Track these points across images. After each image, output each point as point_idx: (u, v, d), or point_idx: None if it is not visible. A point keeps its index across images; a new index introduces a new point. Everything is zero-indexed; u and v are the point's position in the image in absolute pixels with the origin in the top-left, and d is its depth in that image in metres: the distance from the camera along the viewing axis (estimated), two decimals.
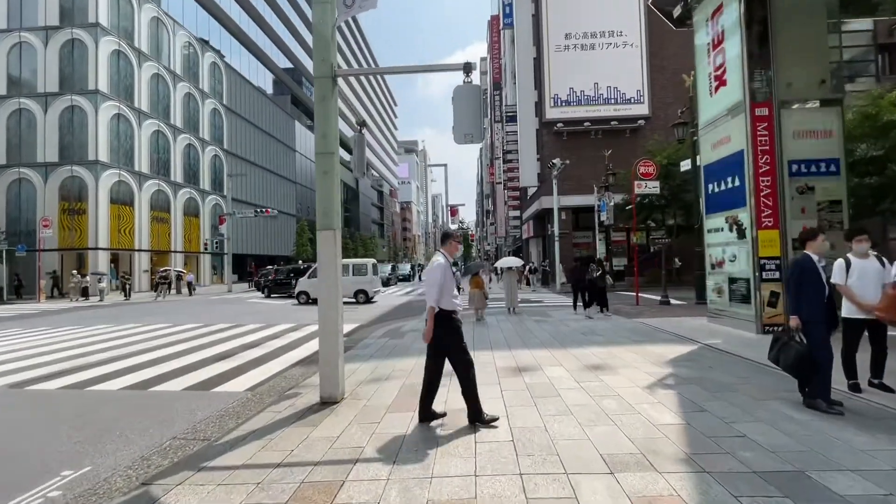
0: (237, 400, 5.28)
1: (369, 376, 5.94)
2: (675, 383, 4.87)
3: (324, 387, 4.85)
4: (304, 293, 18.86)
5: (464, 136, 5.04)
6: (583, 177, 24.74)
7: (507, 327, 9.75)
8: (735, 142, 7.79)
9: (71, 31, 27.49)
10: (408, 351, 7.53)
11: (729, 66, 7.95)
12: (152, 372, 6.76)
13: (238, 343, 9.17)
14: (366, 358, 7.15)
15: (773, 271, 7.31)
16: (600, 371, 5.56)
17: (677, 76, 25.21)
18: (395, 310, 15.49)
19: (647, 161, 13.30)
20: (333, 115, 5.03)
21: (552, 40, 25.17)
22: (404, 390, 5.10)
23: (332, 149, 4.96)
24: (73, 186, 27.26)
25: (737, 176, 7.75)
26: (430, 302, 3.85)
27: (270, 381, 6.11)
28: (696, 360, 5.98)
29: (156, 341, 9.62)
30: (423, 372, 4.11)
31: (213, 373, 6.70)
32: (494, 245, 62.12)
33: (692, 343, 7.10)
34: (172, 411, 4.98)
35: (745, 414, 3.86)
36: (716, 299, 8.63)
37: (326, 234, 4.91)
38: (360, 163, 6.70)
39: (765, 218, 7.37)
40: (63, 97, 27.30)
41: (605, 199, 12.94)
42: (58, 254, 27.14)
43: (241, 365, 7.18)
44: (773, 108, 7.43)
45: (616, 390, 4.70)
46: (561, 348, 7.19)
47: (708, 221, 8.83)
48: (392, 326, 10.61)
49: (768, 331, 7.29)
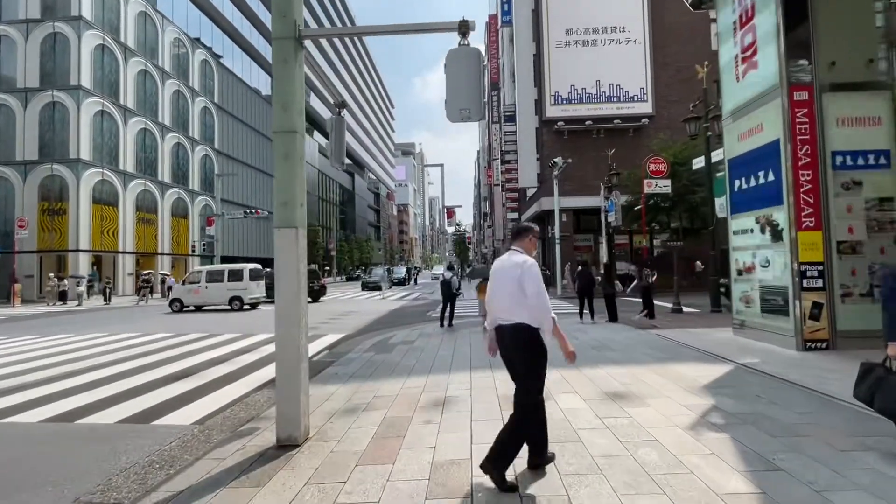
0: (179, 437, 4.27)
1: (345, 405, 4.93)
2: (723, 422, 3.88)
3: (281, 426, 3.84)
4: (178, 301, 17.95)
5: (459, 111, 4.05)
6: (584, 177, 23.83)
7: None
8: (769, 131, 6.84)
9: (53, 25, 26.43)
10: (395, 369, 6.53)
11: (761, 45, 7.01)
12: (89, 397, 5.72)
13: (205, 358, 8.13)
14: (345, 378, 6.14)
15: (815, 279, 6.35)
16: (625, 402, 4.56)
17: (682, 73, 24.40)
18: (386, 317, 14.48)
19: (657, 158, 12.36)
20: (297, 83, 4.04)
21: (553, 36, 24.29)
22: (385, 428, 4.09)
23: (294, 126, 3.96)
24: (54, 186, 26.14)
25: (771, 169, 6.79)
26: (548, 315, 2.87)
27: (228, 408, 5.09)
28: (736, 385, 5.00)
29: (111, 356, 8.56)
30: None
31: (162, 398, 5.66)
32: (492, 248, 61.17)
33: (724, 362, 6.12)
34: (91, 455, 3.96)
35: (835, 476, 2.87)
36: (744, 309, 7.65)
37: (286, 234, 3.91)
38: (339, 150, 5.71)
39: (805, 217, 6.42)
40: (44, 93, 26.21)
41: (613, 199, 11.96)
42: (36, 256, 25.98)
43: (200, 387, 6.15)
44: (813, 91, 6.49)
45: (651, 432, 3.70)
46: (572, 367, 6.18)
47: (734, 222, 7.87)
48: (381, 338, 9.61)
49: (810, 347, 6.32)
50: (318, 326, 12.18)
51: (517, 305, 2.90)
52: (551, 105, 24.27)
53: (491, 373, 6.02)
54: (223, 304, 17.88)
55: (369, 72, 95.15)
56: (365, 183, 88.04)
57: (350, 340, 9.62)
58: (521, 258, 3.01)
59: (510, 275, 2.96)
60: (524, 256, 3.03)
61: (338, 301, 22.17)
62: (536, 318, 2.88)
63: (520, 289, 2.88)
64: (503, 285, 3.00)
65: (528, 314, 2.88)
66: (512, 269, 2.97)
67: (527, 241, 3.16)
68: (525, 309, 2.88)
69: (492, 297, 3.09)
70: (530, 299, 2.86)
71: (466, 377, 5.84)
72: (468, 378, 5.78)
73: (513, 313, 2.92)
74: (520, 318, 2.90)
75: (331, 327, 12.07)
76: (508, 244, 3.33)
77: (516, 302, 2.90)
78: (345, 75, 74.58)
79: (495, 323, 3.05)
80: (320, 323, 12.97)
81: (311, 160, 58.73)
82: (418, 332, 10.30)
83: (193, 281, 18.18)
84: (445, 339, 9.02)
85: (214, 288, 17.77)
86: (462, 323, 11.38)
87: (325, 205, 64.81)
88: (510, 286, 2.93)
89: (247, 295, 17.72)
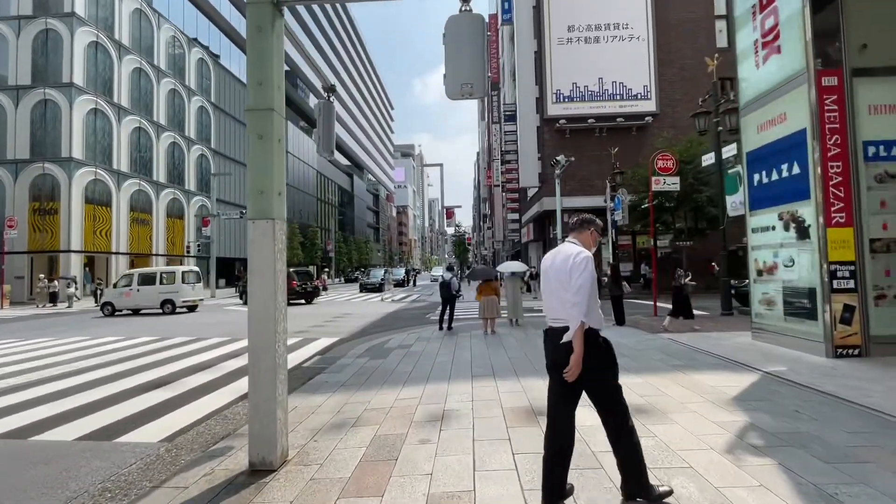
0: (142, 458, 3.77)
1: (333, 419, 4.41)
2: (764, 444, 3.37)
3: (254, 448, 3.32)
4: (109, 304, 17.34)
5: (460, 87, 3.54)
6: (587, 177, 23.37)
7: (511, 345, 8.24)
8: (793, 120, 6.34)
9: (45, 21, 25.92)
10: (390, 377, 6.01)
11: (784, 28, 6.52)
12: (51, 409, 5.20)
13: (187, 364, 7.60)
14: (335, 388, 5.63)
15: (846, 279, 5.84)
16: (647, 417, 4.05)
17: (686, 71, 23.96)
18: (384, 319, 13.96)
19: (665, 154, 11.85)
20: (275, 56, 3.54)
21: (554, 33, 23.83)
22: (375, 449, 3.58)
23: (270, 103, 3.46)
24: (45, 185, 25.60)
25: (796, 162, 6.29)
26: (579, 315, 2.40)
27: (204, 422, 4.58)
28: (769, 398, 4.48)
29: (88, 361, 8.04)
30: (547, 429, 2.61)
31: (132, 409, 5.14)
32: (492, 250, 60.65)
33: (748, 370, 5.60)
34: (36, 479, 3.44)
35: None
36: (764, 312, 7.14)
37: (261, 226, 3.40)
38: (328, 138, 5.21)
39: (835, 213, 5.92)
40: (35, 90, 25.68)
41: (620, 196, 11.46)
42: (27, 257, 25.44)
43: (176, 397, 5.63)
44: (843, 76, 6.00)
45: (683, 456, 3.19)
46: None
47: (753, 219, 7.36)
48: (376, 342, 9.10)
49: (841, 354, 5.81)
50: (311, 330, 11.66)
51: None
52: (553, 103, 23.80)
53: (494, 382, 5.51)
54: (155, 307, 17.35)
55: (368, 72, 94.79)
56: (364, 184, 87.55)
57: (344, 344, 9.11)
58: (573, 249, 2.58)
59: (560, 269, 2.55)
60: (578, 248, 2.59)
61: (334, 303, 21.65)
62: (569, 313, 2.43)
63: (570, 283, 2.46)
64: (552, 281, 2.60)
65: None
66: (563, 263, 2.55)
67: (587, 234, 2.74)
68: None
69: (543, 297, 2.72)
70: (570, 291, 2.43)
71: (467, 387, 5.33)
72: (469, 388, 5.27)
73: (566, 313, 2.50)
74: None
75: (325, 330, 11.55)
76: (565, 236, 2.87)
77: (565, 301, 2.50)
78: (344, 76, 74.15)
79: (548, 324, 2.65)
80: (314, 326, 12.45)
81: (311, 161, 58.25)
82: (416, 335, 9.79)
83: (125, 284, 17.60)
84: (445, 344, 8.51)
85: (146, 291, 17.25)
86: (462, 326, 10.87)
87: (324, 206, 64.32)
88: (560, 281, 2.52)
89: (179, 298, 17.30)
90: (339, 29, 72.28)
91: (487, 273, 10.70)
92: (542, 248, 30.59)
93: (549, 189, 23.42)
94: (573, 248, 2.60)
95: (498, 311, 9.78)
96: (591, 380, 2.50)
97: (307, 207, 57.33)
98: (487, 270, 11.23)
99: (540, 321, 11.55)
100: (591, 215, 2.81)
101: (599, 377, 2.53)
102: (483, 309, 9.69)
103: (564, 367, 2.42)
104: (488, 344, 8.33)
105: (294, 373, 6.70)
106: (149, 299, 17.27)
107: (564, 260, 2.54)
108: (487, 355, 7.24)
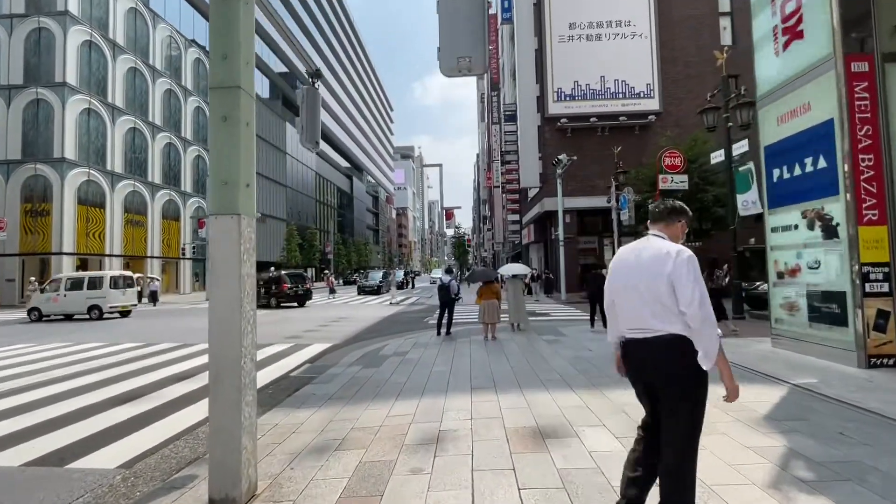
0: (93, 489, 3.29)
1: (315, 440, 3.92)
2: (814, 477, 2.87)
3: (215, 482, 2.83)
4: (36, 310, 16.82)
5: (456, 61, 3.07)
6: (588, 177, 22.88)
7: (513, 351, 7.74)
8: (819, 109, 5.86)
9: (38, 20, 25.53)
10: (382, 388, 5.52)
11: (807, 10, 6.05)
12: (6, 427, 4.70)
13: (165, 374, 7.11)
14: (322, 401, 5.13)
15: (880, 282, 5.35)
16: None
17: (690, 69, 23.51)
18: (380, 324, 13.46)
19: (673, 151, 11.37)
20: (244, 25, 3.05)
21: (555, 30, 23.38)
22: (358, 480, 3.08)
23: (236, 80, 2.98)
24: (37, 186, 25.16)
25: (822, 155, 5.81)
26: (713, 330, 1.98)
27: (171, 444, 4.09)
28: (805, 416, 3.99)
29: (60, 370, 7.54)
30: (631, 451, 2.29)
31: (94, 428, 4.65)
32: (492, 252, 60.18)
33: (775, 382, 5.11)
34: None
35: None
36: (786, 318, 6.65)
37: (225, 223, 2.92)
38: (312, 127, 4.73)
39: (867, 210, 5.43)
40: (28, 90, 25.27)
41: (626, 195, 10.97)
42: (18, 259, 24.96)
43: (145, 413, 5.13)
44: (874, 61, 5.52)
45: (719, 493, 2.70)
46: (592, 388, 5.19)
47: (772, 217, 6.87)
48: (371, 348, 8.60)
49: (875, 364, 5.32)
50: (304, 335, 11.17)
51: (665, 311, 2.04)
52: (554, 102, 23.33)
53: (495, 395, 5.01)
54: (82, 312, 16.88)
55: (368, 74, 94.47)
56: (364, 186, 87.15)
57: (337, 351, 8.61)
58: (669, 246, 2.11)
59: (652, 269, 2.08)
60: (673, 245, 2.12)
61: (331, 306, 21.15)
62: (699, 335, 1.97)
63: (669, 289, 2.02)
64: (638, 283, 2.12)
65: (683, 325, 2.01)
66: (654, 262, 2.08)
67: (677, 226, 2.27)
68: (677, 317, 2.02)
69: (614, 301, 2.27)
70: (691, 307, 1.97)
71: (466, 401, 4.84)
72: (468, 403, 4.78)
73: (663, 320, 2.05)
74: (672, 328, 2.03)
75: (318, 335, 11.06)
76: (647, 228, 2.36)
77: (662, 307, 2.04)
78: (343, 77, 73.80)
79: (621, 335, 2.25)
80: (307, 331, 11.95)
81: (309, 163, 57.83)
82: (413, 341, 9.29)
83: (54, 289, 17.11)
84: (443, 351, 8.01)
85: (73, 296, 16.80)
86: (461, 331, 10.37)
87: (323, 207, 63.88)
88: (653, 285, 2.06)
89: (106, 303, 16.86)
90: (337, 30, 71.95)
91: (487, 275, 10.14)
92: (542, 249, 30.11)
93: (549, 189, 22.95)
94: (663, 244, 2.13)
95: (499, 316, 9.28)
96: (684, 405, 2.05)
97: (306, 209, 56.90)
98: (487, 272, 10.67)
99: (542, 325, 11.03)
100: (682, 203, 2.32)
101: (695, 406, 2.07)
102: (483, 313, 9.19)
103: (655, 387, 2.11)
104: (489, 351, 7.83)
105: (280, 383, 6.22)
106: (75, 304, 16.86)
107: (657, 260, 2.07)
108: (488, 364, 6.74)
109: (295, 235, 46.75)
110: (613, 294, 2.27)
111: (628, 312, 2.18)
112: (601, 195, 19.45)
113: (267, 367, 7.37)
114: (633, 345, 2.17)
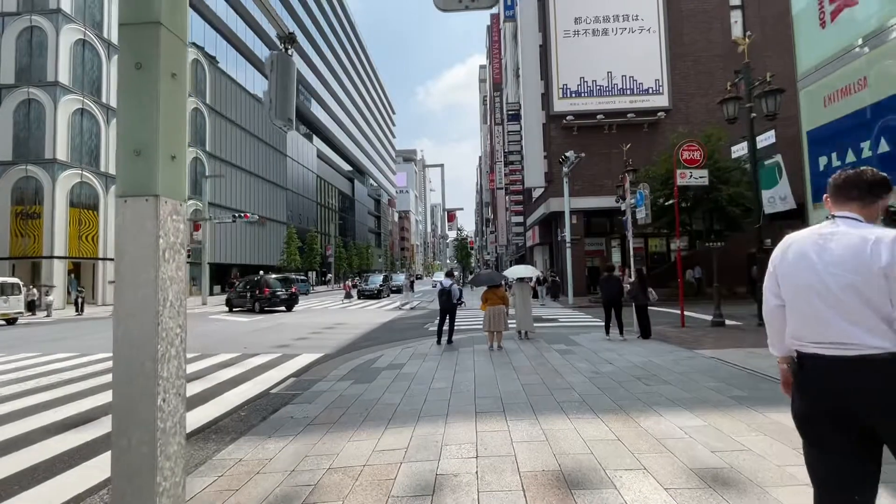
0: None
1: (281, 486, 3.11)
2: None
3: None
4: None
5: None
6: (595, 176, 22.10)
7: (522, 364, 6.92)
8: (879, 86, 5.04)
9: (30, 18, 24.93)
10: (371, 411, 4.71)
11: None
12: None
13: None
14: (300, 427, 4.33)
15: None
16: (736, 493, 2.73)
17: (700, 64, 22.71)
18: (377, 331, 12.65)
19: (691, 144, 10.52)
20: None
21: (560, 25, 22.63)
22: None
23: (154, 14, 2.19)
24: (28, 188, 24.49)
25: (884, 137, 4.98)
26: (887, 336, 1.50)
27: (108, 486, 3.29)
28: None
29: (15, 387, 6.75)
30: None
31: (29, 461, 3.87)
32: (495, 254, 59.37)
33: None
34: None
35: None
36: None
37: (136, 208, 2.12)
38: (284, 100, 3.95)
39: None
40: (19, 90, 24.62)
41: (642, 190, 10.16)
42: (8, 263, 24.27)
43: (93, 441, 4.33)
44: None
45: None
46: (620, 412, 4.36)
47: (817, 212, 6.05)
48: (365, 359, 7.79)
49: None
50: (294, 343, 10.37)
51: (878, 319, 1.49)
52: (559, 99, 22.55)
53: (505, 422, 4.19)
54: None
55: (370, 77, 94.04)
56: (365, 189, 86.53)
57: (327, 362, 7.81)
58: (875, 231, 1.53)
59: (852, 263, 1.52)
60: (881, 228, 1.54)
61: (328, 311, 20.35)
62: None
63: (885, 289, 1.47)
64: (831, 283, 1.56)
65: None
66: (856, 254, 1.52)
67: (876, 205, 1.64)
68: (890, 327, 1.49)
69: (790, 306, 1.71)
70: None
71: (470, 430, 4.02)
72: (472, 433, 3.96)
73: (874, 332, 1.49)
74: (886, 342, 1.48)
75: (309, 344, 10.26)
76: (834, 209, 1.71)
77: (873, 313, 1.49)
78: (344, 79, 73.32)
79: (804, 348, 1.67)
80: (297, 339, 11.15)
81: (311, 165, 57.22)
82: (411, 350, 8.48)
83: None
84: (443, 363, 7.20)
85: None
86: (464, 339, 9.56)
87: (324, 210, 63.23)
88: (859, 284, 1.50)
89: (11, 310, 16.35)
90: (338, 31, 71.50)
91: (493, 278, 9.31)
92: (548, 251, 29.28)
93: (555, 189, 22.16)
94: (863, 228, 1.55)
95: (506, 324, 8.46)
96: None
97: (307, 212, 56.24)
98: (493, 275, 9.83)
99: (551, 332, 10.19)
100: (883, 173, 1.65)
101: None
102: (489, 321, 8.36)
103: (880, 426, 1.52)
104: (495, 364, 7.01)
105: (257, 403, 5.43)
106: None
107: (859, 251, 1.50)
108: (495, 380, 5.92)
109: (295, 238, 46.03)
110: (790, 295, 1.69)
111: (812, 320, 1.62)
112: (608, 195, 18.60)
113: (245, 384, 6.57)
114: (824, 364, 1.58)
